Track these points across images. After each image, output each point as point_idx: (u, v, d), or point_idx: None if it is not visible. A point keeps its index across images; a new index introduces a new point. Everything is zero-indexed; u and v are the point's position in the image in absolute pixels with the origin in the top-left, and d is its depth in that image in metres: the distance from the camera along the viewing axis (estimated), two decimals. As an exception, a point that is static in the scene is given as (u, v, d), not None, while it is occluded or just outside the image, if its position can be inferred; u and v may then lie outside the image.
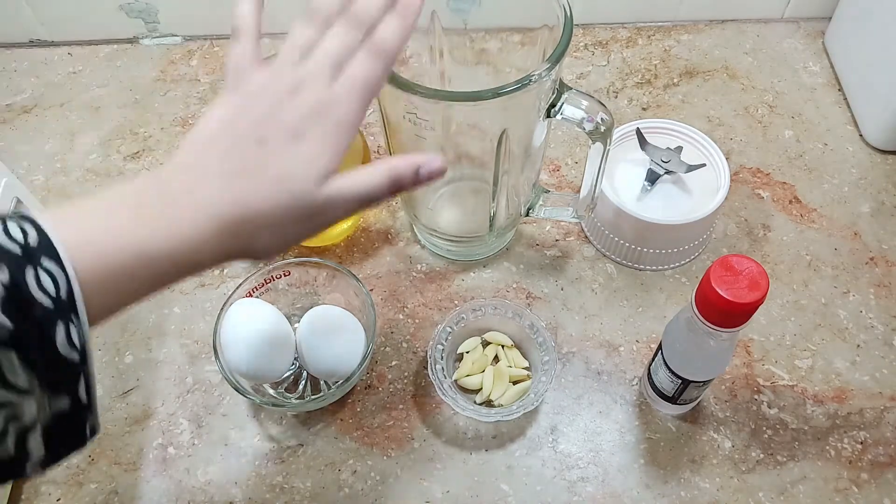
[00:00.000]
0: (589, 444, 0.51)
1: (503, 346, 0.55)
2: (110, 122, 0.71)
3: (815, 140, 0.67)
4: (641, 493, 0.49)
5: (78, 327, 0.27)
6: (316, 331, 0.52)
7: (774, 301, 0.57)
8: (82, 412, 0.29)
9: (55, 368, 0.27)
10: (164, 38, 0.77)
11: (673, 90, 0.71)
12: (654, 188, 0.57)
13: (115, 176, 0.67)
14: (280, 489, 0.50)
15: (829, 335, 0.56)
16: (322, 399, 0.51)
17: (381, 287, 0.59)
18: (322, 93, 0.32)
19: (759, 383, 0.54)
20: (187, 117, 0.70)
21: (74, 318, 0.27)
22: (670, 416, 0.52)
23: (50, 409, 0.28)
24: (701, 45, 0.75)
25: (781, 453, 0.51)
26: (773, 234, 0.61)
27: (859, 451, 0.50)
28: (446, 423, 0.52)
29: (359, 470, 0.51)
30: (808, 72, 0.73)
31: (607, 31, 0.76)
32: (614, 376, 0.54)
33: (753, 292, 0.38)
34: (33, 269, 0.26)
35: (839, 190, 0.64)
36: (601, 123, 0.45)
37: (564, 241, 0.62)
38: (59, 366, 0.27)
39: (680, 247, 0.57)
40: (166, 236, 0.30)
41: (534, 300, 0.58)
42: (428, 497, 0.49)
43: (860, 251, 0.60)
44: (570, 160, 0.66)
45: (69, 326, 0.27)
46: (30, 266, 0.26)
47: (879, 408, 0.52)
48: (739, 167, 0.65)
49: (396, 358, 0.56)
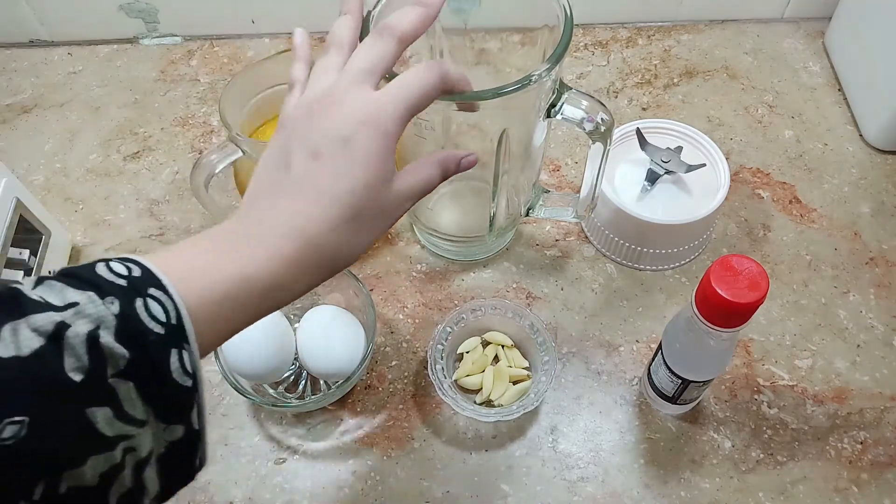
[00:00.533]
0: (589, 444, 0.51)
1: (503, 346, 0.55)
2: (110, 122, 0.71)
3: (815, 140, 0.67)
4: (641, 493, 0.49)
5: (190, 353, 0.28)
6: (316, 331, 0.52)
7: (774, 301, 0.57)
8: (196, 441, 0.29)
9: (170, 397, 0.27)
10: (164, 38, 0.77)
11: (673, 90, 0.71)
12: (654, 188, 0.57)
13: (116, 176, 0.67)
14: (280, 489, 0.50)
15: (829, 335, 0.56)
16: (322, 399, 0.51)
17: (381, 287, 0.59)
18: (361, 96, 0.33)
19: (759, 383, 0.54)
20: (187, 117, 0.70)
21: (186, 345, 0.28)
22: (670, 416, 0.52)
23: (165, 438, 0.28)
24: (701, 45, 0.75)
25: (781, 453, 0.51)
26: (773, 234, 0.61)
27: (859, 451, 0.50)
28: (446, 423, 0.52)
29: (359, 470, 0.51)
30: (808, 72, 0.73)
31: (607, 31, 0.76)
32: (614, 376, 0.54)
33: (753, 292, 0.38)
34: (142, 299, 0.27)
35: (839, 190, 0.64)
36: (601, 123, 0.45)
37: (564, 241, 0.62)
38: (175, 393, 0.27)
39: (680, 247, 0.57)
40: (255, 262, 0.31)
41: (534, 300, 0.58)
42: (428, 497, 0.49)
43: (860, 251, 0.60)
44: (570, 160, 0.66)
45: (182, 353, 0.27)
46: (138, 297, 0.27)
47: (879, 408, 0.52)
48: (739, 167, 0.65)
49: (396, 358, 0.56)
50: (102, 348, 0.25)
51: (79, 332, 0.25)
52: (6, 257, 0.52)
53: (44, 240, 0.56)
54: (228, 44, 0.77)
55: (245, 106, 0.54)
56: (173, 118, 0.70)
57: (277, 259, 0.31)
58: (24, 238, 0.54)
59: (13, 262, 0.53)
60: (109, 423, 0.25)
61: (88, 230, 0.63)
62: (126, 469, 0.26)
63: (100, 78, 0.74)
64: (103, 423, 0.25)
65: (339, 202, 0.32)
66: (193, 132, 0.69)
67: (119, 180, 0.66)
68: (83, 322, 0.25)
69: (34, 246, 0.55)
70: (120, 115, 0.71)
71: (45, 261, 0.56)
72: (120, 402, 0.26)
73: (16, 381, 0.24)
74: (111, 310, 0.26)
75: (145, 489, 0.27)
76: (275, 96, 0.55)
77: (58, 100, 0.72)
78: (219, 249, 0.31)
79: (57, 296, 0.26)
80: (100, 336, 0.25)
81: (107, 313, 0.26)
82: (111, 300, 0.26)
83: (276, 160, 0.34)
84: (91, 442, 0.25)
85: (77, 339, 0.25)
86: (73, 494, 0.25)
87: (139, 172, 0.67)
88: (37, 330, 0.25)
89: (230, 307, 0.30)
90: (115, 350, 0.25)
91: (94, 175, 0.67)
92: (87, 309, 0.26)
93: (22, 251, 0.53)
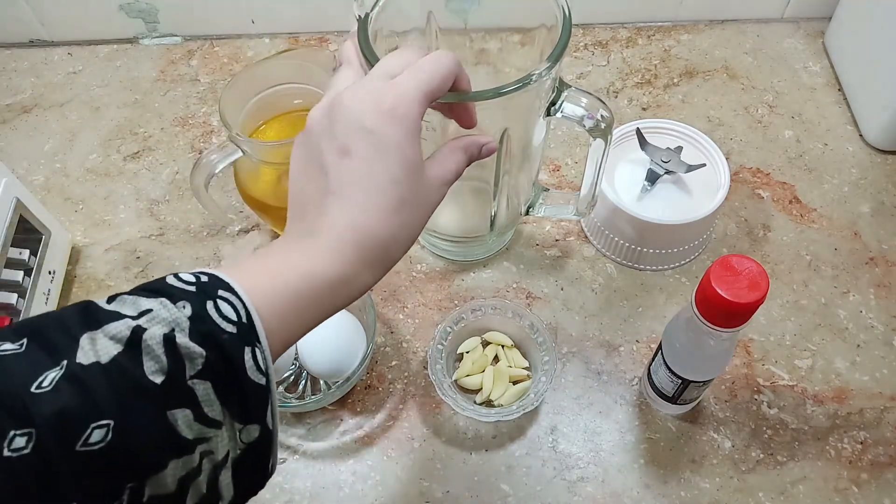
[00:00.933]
0: (589, 444, 0.51)
1: (503, 346, 0.55)
2: (110, 122, 0.71)
3: (815, 140, 0.67)
4: (641, 493, 0.49)
5: (262, 351, 0.28)
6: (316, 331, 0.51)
7: (774, 301, 0.57)
8: (269, 441, 0.29)
9: (246, 395, 0.27)
10: (164, 38, 0.77)
11: (673, 90, 0.71)
12: (654, 188, 0.57)
13: (115, 176, 0.67)
14: (280, 489, 0.50)
15: (829, 335, 0.56)
16: (322, 399, 0.51)
17: (381, 287, 0.59)
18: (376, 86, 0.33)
19: (759, 383, 0.54)
20: (187, 117, 0.70)
21: (258, 343, 0.28)
22: (670, 416, 0.52)
23: (242, 440, 0.28)
24: (701, 45, 0.75)
25: (781, 453, 0.51)
26: (773, 234, 0.61)
27: (859, 451, 0.50)
28: (446, 423, 0.52)
29: (359, 470, 0.51)
30: (808, 72, 0.73)
31: (607, 31, 0.76)
32: (614, 376, 0.54)
33: (753, 292, 0.38)
34: (212, 301, 0.27)
35: (839, 190, 0.64)
36: (601, 120, 0.45)
37: (564, 241, 0.62)
38: (250, 392, 0.27)
39: (680, 247, 0.57)
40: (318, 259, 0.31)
41: (534, 300, 0.58)
42: (428, 497, 0.49)
43: (860, 251, 0.60)
44: (570, 160, 0.66)
45: (255, 350, 0.28)
46: (208, 299, 0.27)
47: (879, 408, 0.52)
48: (739, 167, 0.65)
49: (396, 358, 0.56)
50: (179, 349, 0.26)
51: (155, 335, 0.25)
52: (6, 257, 0.52)
53: (44, 240, 0.56)
54: (228, 44, 0.77)
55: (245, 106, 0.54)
56: (173, 118, 0.70)
57: (338, 254, 0.31)
58: (24, 238, 0.54)
59: (13, 262, 0.53)
60: (189, 425, 0.26)
61: (88, 230, 0.63)
62: (203, 474, 0.27)
63: (100, 78, 0.74)
64: (183, 424, 0.25)
65: (384, 193, 0.32)
66: (193, 132, 0.69)
67: (119, 180, 0.66)
68: (158, 326, 0.26)
69: (34, 246, 0.55)
70: (120, 115, 0.71)
71: (45, 261, 0.56)
72: (199, 404, 0.26)
73: (98, 386, 0.24)
74: (184, 312, 0.26)
75: (220, 495, 0.28)
76: (275, 96, 0.55)
77: (58, 100, 0.72)
78: (281, 253, 0.31)
79: (130, 307, 0.26)
80: (176, 337, 0.26)
81: (180, 315, 0.26)
82: (183, 304, 0.27)
83: (308, 167, 0.34)
84: (172, 445, 0.25)
85: (154, 341, 0.25)
86: (155, 501, 0.25)
87: (139, 172, 0.67)
88: (114, 337, 0.25)
89: (298, 305, 0.30)
90: (192, 350, 0.26)
91: (94, 175, 0.67)
92: (161, 314, 0.26)
93: (22, 251, 0.53)
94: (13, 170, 0.57)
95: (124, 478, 0.24)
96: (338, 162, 0.32)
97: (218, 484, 0.27)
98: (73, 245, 0.62)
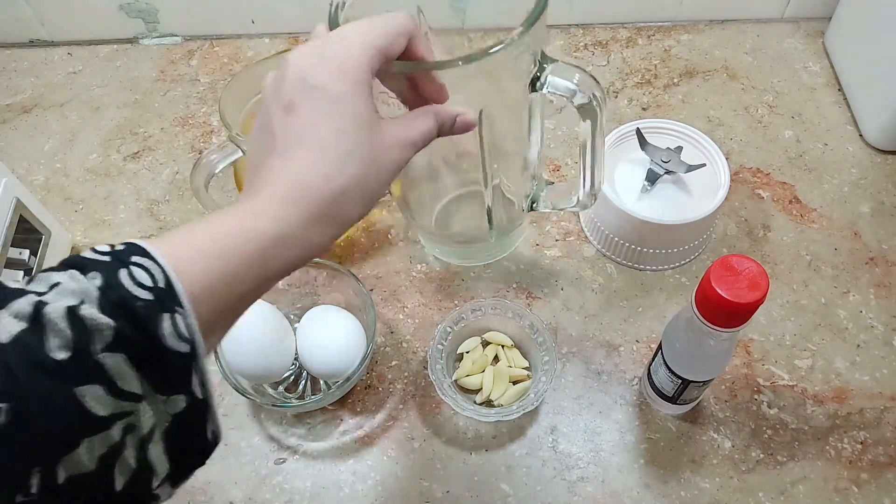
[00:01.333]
0: (589, 444, 0.51)
1: (503, 346, 0.55)
2: (110, 122, 0.71)
3: (815, 140, 0.67)
4: (641, 493, 0.49)
5: (184, 317, 0.26)
6: (316, 331, 0.52)
7: (774, 301, 0.57)
8: (201, 411, 0.28)
9: (166, 364, 0.26)
10: (164, 38, 0.77)
11: (673, 90, 0.71)
12: (654, 188, 0.57)
13: (115, 176, 0.67)
14: (280, 489, 0.50)
15: (829, 335, 0.56)
16: (322, 399, 0.51)
17: (381, 287, 0.59)
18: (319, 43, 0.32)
19: (759, 383, 0.54)
20: (187, 117, 0.70)
21: (179, 308, 0.26)
22: (670, 416, 0.52)
23: (167, 412, 0.26)
24: (701, 45, 0.75)
25: (781, 453, 0.51)
26: (773, 234, 0.61)
27: (859, 451, 0.50)
28: (446, 423, 0.52)
29: (359, 470, 0.51)
30: (808, 72, 0.73)
31: (607, 31, 0.76)
32: (614, 376, 0.54)
33: (753, 292, 0.38)
34: (126, 269, 0.26)
35: (839, 190, 0.64)
36: (593, 99, 0.43)
37: (564, 241, 0.62)
38: (170, 360, 0.26)
39: (680, 247, 0.57)
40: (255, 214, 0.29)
41: (534, 300, 0.58)
42: (428, 497, 0.49)
43: (860, 251, 0.60)
44: (570, 160, 0.66)
45: (175, 317, 0.26)
46: (122, 267, 0.26)
47: (879, 408, 0.52)
48: (739, 167, 0.65)
49: (396, 358, 0.56)
50: (84, 321, 0.24)
51: (58, 308, 0.24)
52: (6, 257, 0.52)
53: (44, 240, 0.56)
54: (228, 44, 0.77)
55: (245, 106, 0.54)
56: (173, 118, 0.70)
57: (278, 211, 0.30)
58: (24, 238, 0.54)
59: (13, 262, 0.53)
60: (100, 401, 0.24)
61: (88, 230, 0.63)
62: (127, 449, 0.25)
63: (100, 78, 0.74)
64: (93, 402, 0.24)
65: (329, 146, 0.31)
66: (193, 132, 0.69)
67: (119, 180, 0.66)
68: (64, 298, 0.24)
69: (34, 246, 0.55)
70: (120, 115, 0.71)
71: (44, 261, 0.56)
72: (111, 378, 0.24)
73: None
74: (94, 283, 0.25)
75: (153, 469, 0.26)
76: (275, 96, 0.55)
77: (58, 100, 0.72)
78: (217, 217, 0.30)
79: (41, 283, 0.25)
80: (80, 309, 0.24)
81: (90, 286, 0.25)
82: (94, 275, 0.25)
83: (260, 133, 0.33)
84: (82, 423, 0.24)
85: (57, 314, 0.24)
86: (75, 482, 0.24)
87: (139, 172, 0.67)
88: (17, 315, 0.24)
89: (230, 267, 0.28)
90: (98, 322, 0.24)
91: (94, 175, 0.67)
92: (70, 285, 0.25)
93: (22, 251, 0.53)
94: (13, 170, 0.57)
95: (28, 462, 0.23)
96: (283, 121, 0.31)
97: (148, 458, 0.26)
98: (73, 245, 0.62)
